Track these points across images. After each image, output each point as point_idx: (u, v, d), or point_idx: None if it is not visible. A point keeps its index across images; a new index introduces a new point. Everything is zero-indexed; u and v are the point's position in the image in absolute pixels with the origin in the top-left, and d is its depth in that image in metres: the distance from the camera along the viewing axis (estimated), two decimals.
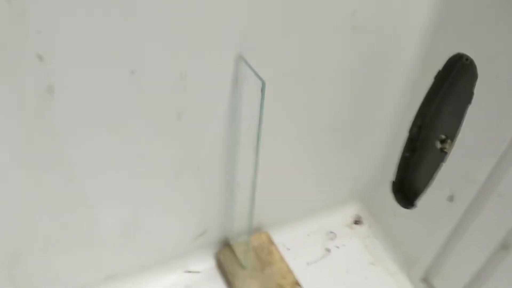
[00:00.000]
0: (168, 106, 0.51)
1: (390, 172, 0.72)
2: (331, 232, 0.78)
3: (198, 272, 0.70)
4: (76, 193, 0.52)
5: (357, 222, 0.80)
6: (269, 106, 0.54)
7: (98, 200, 0.54)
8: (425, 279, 0.69)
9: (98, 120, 0.48)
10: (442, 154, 0.62)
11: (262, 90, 0.47)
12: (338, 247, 0.76)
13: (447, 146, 0.61)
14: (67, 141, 0.48)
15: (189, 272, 0.70)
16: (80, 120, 0.47)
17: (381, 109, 0.68)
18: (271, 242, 0.72)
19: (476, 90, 0.55)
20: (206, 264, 0.71)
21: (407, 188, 0.72)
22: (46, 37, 0.40)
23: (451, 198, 0.61)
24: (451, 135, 0.60)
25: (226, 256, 0.70)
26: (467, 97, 0.56)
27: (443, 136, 0.62)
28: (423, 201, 0.67)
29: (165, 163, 0.56)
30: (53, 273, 0.59)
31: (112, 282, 0.65)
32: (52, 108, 0.44)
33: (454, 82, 0.59)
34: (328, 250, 0.76)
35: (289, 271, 0.69)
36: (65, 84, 0.44)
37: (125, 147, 0.51)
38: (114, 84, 0.46)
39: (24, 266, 0.56)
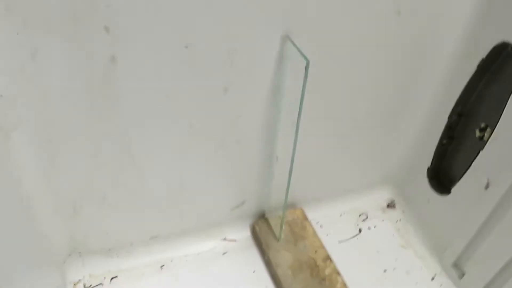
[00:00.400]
0: (216, 80, 0.54)
1: (426, 159, 0.73)
2: (364, 214, 0.80)
3: (234, 240, 0.75)
4: (130, 156, 0.58)
5: (390, 205, 0.82)
6: (311, 85, 0.57)
7: (148, 163, 0.60)
8: (456, 265, 0.70)
9: (154, 89, 0.52)
10: (480, 143, 0.63)
11: (306, 69, 0.50)
12: (369, 228, 0.78)
13: (486, 134, 0.62)
14: (126, 107, 0.53)
15: (226, 240, 0.75)
16: (138, 88, 0.51)
17: (421, 94, 0.69)
18: (305, 218, 0.76)
19: None
20: (242, 234, 0.75)
21: (443, 175, 0.72)
22: (114, 11, 0.45)
23: (487, 186, 0.61)
24: (491, 124, 0.60)
25: (261, 227, 0.74)
26: (510, 86, 0.56)
27: (482, 124, 0.63)
28: (458, 188, 0.68)
29: (211, 133, 0.60)
30: (106, 227, 0.65)
31: (155, 243, 0.71)
32: (114, 76, 0.49)
33: (497, 71, 0.59)
34: (360, 231, 0.78)
35: (322, 246, 0.72)
36: (127, 55, 0.48)
37: (175, 115, 0.56)
38: (170, 57, 0.50)
39: (83, 219, 0.62)
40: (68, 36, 0.45)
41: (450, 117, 0.67)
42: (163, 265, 0.70)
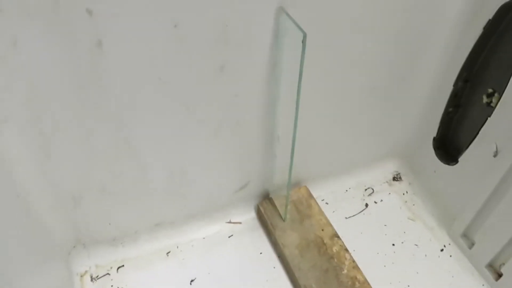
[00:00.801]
0: (211, 59, 0.52)
1: (432, 128, 0.71)
2: (370, 188, 0.79)
3: (239, 223, 0.74)
4: (126, 142, 0.56)
5: (396, 178, 0.80)
6: (310, 60, 0.54)
7: (146, 149, 0.58)
8: (465, 235, 0.69)
9: (144, 72, 0.50)
10: (488, 109, 0.60)
11: (303, 42, 0.48)
12: (376, 202, 0.77)
13: (494, 100, 0.59)
14: (118, 93, 0.51)
15: (231, 223, 0.74)
16: (128, 72, 0.49)
17: (425, 63, 0.66)
18: (310, 196, 0.74)
19: None
20: (247, 216, 0.74)
21: (450, 144, 0.70)
22: None
23: (495, 154, 0.60)
24: (499, 89, 0.58)
25: (266, 208, 0.73)
26: None
27: (490, 90, 0.60)
28: (465, 157, 0.66)
29: (209, 115, 0.58)
30: (108, 217, 0.64)
31: (160, 229, 0.70)
32: (101, 61, 0.47)
33: (504, 33, 0.56)
34: (366, 205, 0.77)
35: (328, 224, 0.71)
36: (113, 38, 0.46)
37: (170, 97, 0.54)
38: (159, 38, 0.48)
39: (84, 210, 0.61)
40: (49, 22, 0.42)
41: (455, 84, 0.64)
42: (169, 252, 0.70)
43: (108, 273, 0.67)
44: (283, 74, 0.56)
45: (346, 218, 0.75)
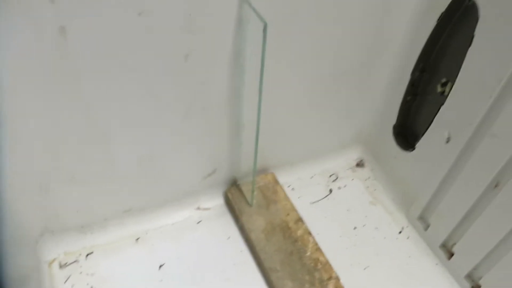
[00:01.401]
0: (175, 48, 0.53)
1: (392, 116, 0.74)
2: (334, 174, 0.82)
3: (208, 209, 0.75)
4: (93, 129, 0.56)
5: (359, 164, 0.84)
6: (273, 47, 0.56)
7: (114, 136, 0.59)
8: (422, 218, 0.73)
9: (111, 60, 0.51)
10: (442, 97, 0.64)
11: (264, 31, 0.49)
12: (340, 188, 0.80)
13: (447, 89, 0.63)
14: (83, 79, 0.51)
15: (200, 209, 0.75)
16: (93, 59, 0.50)
17: (385, 52, 0.69)
18: (276, 182, 0.77)
19: (476, 32, 0.55)
20: (215, 202, 0.76)
21: (408, 131, 0.74)
22: None
23: (448, 140, 0.63)
24: (452, 78, 0.61)
25: (234, 194, 0.75)
26: (468, 39, 0.57)
27: (444, 80, 0.64)
28: (421, 144, 0.70)
29: (175, 102, 0.59)
30: (77, 204, 0.65)
31: (129, 216, 0.71)
32: (66, 48, 0.47)
33: (456, 25, 0.60)
34: (330, 191, 0.80)
35: (293, 209, 0.73)
36: (76, 25, 0.46)
37: (137, 85, 0.54)
38: (123, 26, 0.48)
39: (51, 197, 0.61)
40: (9, 9, 0.42)
41: (413, 73, 0.68)
42: (139, 238, 0.71)
43: (76, 260, 0.68)
44: (247, 62, 0.58)
45: (311, 203, 0.78)
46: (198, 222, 0.74)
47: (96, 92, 0.53)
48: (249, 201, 0.73)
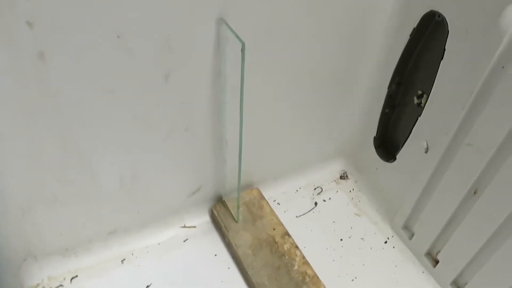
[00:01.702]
0: (155, 69, 0.54)
1: (373, 128, 0.76)
2: (319, 187, 0.83)
3: (194, 226, 0.75)
4: (75, 151, 0.56)
5: (342, 176, 0.85)
6: (252, 66, 0.57)
7: (96, 157, 0.58)
8: (406, 227, 0.74)
9: (90, 83, 0.51)
10: (419, 109, 0.66)
11: (243, 51, 0.50)
12: (325, 200, 0.81)
13: (423, 101, 0.65)
14: (64, 102, 0.51)
15: (186, 227, 0.75)
16: (73, 82, 0.50)
17: (361, 67, 0.71)
18: (261, 197, 0.77)
19: (447, 46, 0.57)
20: (201, 219, 0.76)
21: (388, 142, 0.76)
22: (34, 4, 0.43)
23: (426, 150, 0.65)
24: (427, 90, 0.63)
25: (219, 211, 0.75)
26: (440, 53, 0.59)
27: (419, 92, 0.66)
28: (402, 154, 0.71)
29: (156, 123, 0.59)
30: (60, 227, 0.64)
31: (113, 237, 0.71)
32: (46, 72, 0.48)
33: (428, 39, 0.62)
34: (315, 204, 0.80)
35: (279, 223, 0.74)
36: (55, 49, 0.47)
37: (117, 107, 0.55)
38: (102, 48, 0.49)
39: (34, 221, 0.61)
40: None
41: (389, 86, 0.69)
42: (124, 259, 0.70)
43: (61, 285, 0.67)
44: (227, 81, 0.59)
45: (296, 217, 0.78)
46: (184, 241, 0.73)
47: (76, 115, 0.53)
48: (235, 217, 0.73)
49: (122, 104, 0.55)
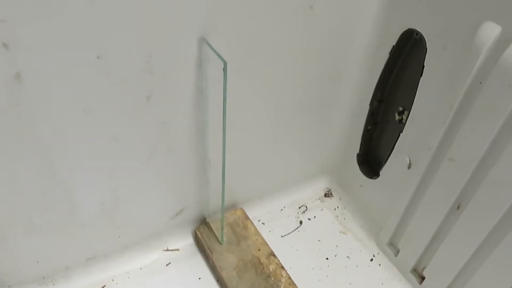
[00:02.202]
0: (137, 89, 0.53)
1: (356, 145, 0.76)
2: (303, 205, 0.82)
3: (177, 249, 0.73)
4: (52, 175, 0.54)
5: (327, 194, 0.85)
6: (234, 85, 0.57)
7: (74, 181, 0.57)
8: (391, 243, 0.74)
9: (69, 104, 0.50)
10: (400, 125, 0.66)
11: (224, 70, 0.50)
12: (310, 219, 0.80)
13: (404, 117, 0.65)
14: (40, 125, 0.50)
15: (168, 250, 0.73)
16: (51, 104, 0.49)
17: (343, 85, 0.71)
18: (246, 217, 0.76)
19: (426, 63, 0.58)
20: (184, 242, 0.74)
21: (372, 159, 0.76)
22: (10, 26, 0.42)
23: (409, 166, 0.65)
24: (408, 106, 0.64)
25: (203, 232, 0.73)
26: (419, 70, 0.60)
27: (400, 108, 0.66)
28: (385, 171, 0.71)
29: (138, 144, 0.58)
30: (36, 255, 0.61)
31: (93, 263, 0.68)
32: (22, 94, 0.46)
33: (407, 56, 0.63)
34: (300, 223, 0.80)
35: (264, 243, 0.72)
36: (33, 71, 0.46)
37: (97, 128, 0.53)
38: (82, 69, 0.48)
39: (8, 249, 0.58)
40: None
41: (371, 103, 0.70)
42: (105, 286, 0.68)
43: None
44: (210, 100, 0.58)
45: (282, 236, 0.77)
46: (167, 264, 0.71)
47: (53, 137, 0.51)
48: (219, 238, 0.71)
49: (102, 126, 0.54)
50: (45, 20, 0.43)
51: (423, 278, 0.68)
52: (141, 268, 0.70)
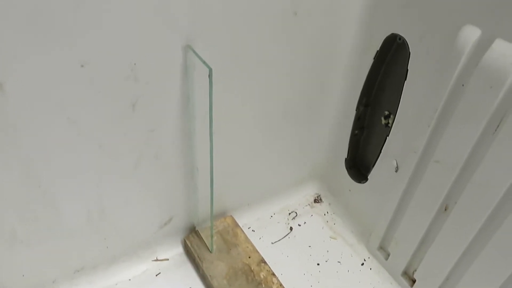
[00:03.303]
0: (122, 97, 0.53)
1: (344, 150, 0.76)
2: (293, 212, 0.82)
3: (166, 259, 0.72)
4: (37, 185, 0.54)
5: (316, 200, 0.85)
6: (221, 92, 0.57)
7: (60, 191, 0.56)
8: (382, 247, 0.74)
9: (53, 114, 0.49)
10: (386, 129, 0.67)
11: (210, 77, 0.50)
12: (300, 225, 0.80)
13: (390, 121, 0.66)
14: (24, 134, 0.49)
15: (158, 260, 0.72)
16: (35, 113, 0.48)
17: (330, 91, 0.72)
18: (236, 225, 0.76)
19: (410, 67, 0.59)
20: (174, 251, 0.73)
21: (359, 163, 0.76)
22: None
23: (396, 169, 0.66)
24: (393, 110, 0.65)
25: (193, 241, 0.72)
26: (403, 74, 0.60)
27: (386, 112, 0.67)
28: (373, 175, 0.72)
29: (125, 151, 0.58)
30: (21, 268, 0.60)
31: (81, 276, 0.67)
32: (5, 103, 0.46)
33: (391, 61, 0.64)
34: (291, 229, 0.79)
35: (255, 251, 0.72)
36: (15, 80, 0.45)
37: (82, 137, 0.53)
38: (65, 78, 0.48)
39: None
40: None
41: (357, 108, 0.71)
42: None
43: None
44: (196, 107, 0.58)
45: (272, 243, 0.77)
46: (156, 275, 0.70)
47: (38, 146, 0.51)
48: (209, 247, 0.71)
49: (87, 134, 0.53)
50: (28, 28, 0.43)
51: (414, 281, 0.69)
52: (130, 279, 0.69)
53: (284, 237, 0.78)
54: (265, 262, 0.70)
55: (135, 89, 0.53)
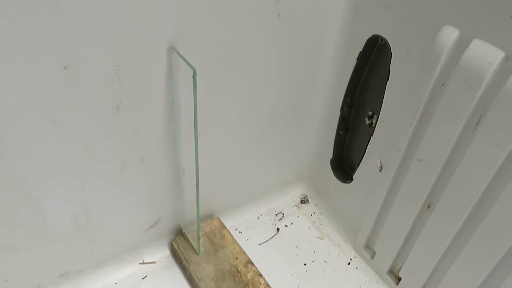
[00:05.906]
0: (106, 99, 0.52)
1: (329, 151, 0.77)
2: (280, 213, 0.83)
3: (153, 262, 0.72)
4: (20, 190, 0.53)
5: (303, 201, 0.85)
6: (206, 93, 0.58)
7: (43, 194, 0.55)
8: (368, 246, 0.75)
9: (36, 116, 0.49)
10: (370, 129, 0.68)
11: (194, 78, 0.50)
12: (287, 226, 0.81)
13: (374, 121, 0.67)
14: (6, 138, 0.48)
15: (144, 263, 0.72)
16: (17, 116, 0.48)
17: (314, 92, 0.72)
18: (223, 226, 0.76)
19: (392, 67, 0.60)
20: (161, 254, 0.73)
21: (345, 163, 0.77)
22: None
23: (381, 169, 0.66)
24: (377, 110, 0.66)
25: (180, 243, 0.72)
26: (386, 74, 0.61)
27: (370, 112, 0.68)
28: (358, 174, 0.72)
29: (109, 155, 0.57)
30: (5, 273, 0.59)
31: (66, 280, 0.66)
32: None
33: (374, 62, 0.65)
34: (278, 230, 0.80)
35: (242, 252, 0.72)
36: None
37: (66, 140, 0.52)
38: (48, 80, 0.47)
39: None
40: None
41: (342, 109, 0.72)
42: None
43: None
44: (181, 109, 0.58)
45: (259, 244, 0.77)
46: (143, 278, 0.70)
47: (21, 150, 0.50)
48: (196, 249, 0.71)
49: (71, 137, 0.53)
50: (9, 29, 0.42)
51: (399, 279, 0.69)
52: (116, 283, 0.69)
53: (271, 238, 0.78)
54: (252, 263, 0.70)
55: (120, 91, 0.53)
